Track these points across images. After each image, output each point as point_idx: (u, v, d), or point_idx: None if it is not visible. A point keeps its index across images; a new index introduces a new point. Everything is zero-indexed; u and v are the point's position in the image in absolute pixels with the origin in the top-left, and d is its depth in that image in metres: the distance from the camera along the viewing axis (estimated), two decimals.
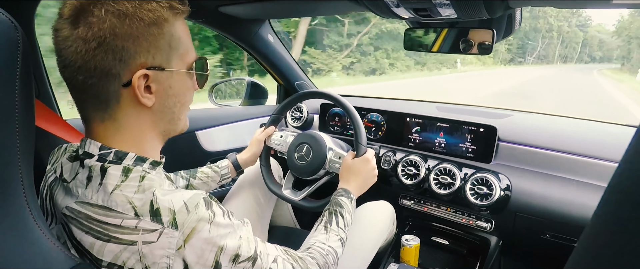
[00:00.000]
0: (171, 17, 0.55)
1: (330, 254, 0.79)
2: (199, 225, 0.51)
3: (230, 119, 1.55)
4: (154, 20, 0.52)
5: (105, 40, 0.49)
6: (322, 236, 0.83)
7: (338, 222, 0.87)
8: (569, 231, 1.04)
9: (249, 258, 0.58)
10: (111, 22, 0.49)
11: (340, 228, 0.86)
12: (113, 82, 0.52)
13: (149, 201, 0.51)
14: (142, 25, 0.51)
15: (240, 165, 1.18)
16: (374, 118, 1.44)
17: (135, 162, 0.56)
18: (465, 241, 1.32)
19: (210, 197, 0.56)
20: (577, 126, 1.29)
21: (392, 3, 0.91)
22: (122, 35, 0.50)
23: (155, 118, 0.58)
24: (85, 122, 0.57)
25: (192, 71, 0.61)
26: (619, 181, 0.27)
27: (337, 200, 0.93)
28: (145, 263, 0.49)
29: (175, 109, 0.60)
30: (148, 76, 0.54)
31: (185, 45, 0.58)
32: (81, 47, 0.49)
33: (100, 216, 0.50)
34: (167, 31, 0.54)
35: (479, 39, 1.05)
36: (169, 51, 0.55)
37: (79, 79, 0.51)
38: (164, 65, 0.55)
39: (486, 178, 1.14)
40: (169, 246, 0.50)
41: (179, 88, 0.59)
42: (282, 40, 1.60)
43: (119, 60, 0.51)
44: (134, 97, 0.54)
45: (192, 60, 0.60)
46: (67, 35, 0.50)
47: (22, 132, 0.47)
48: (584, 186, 1.07)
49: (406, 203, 1.34)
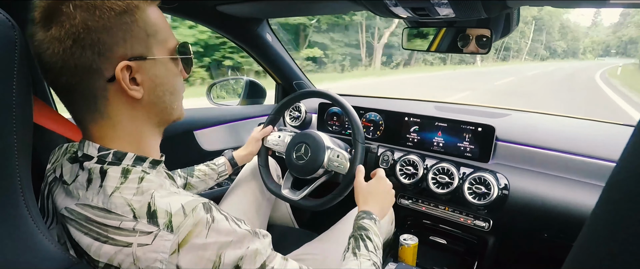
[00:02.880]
0: (142, 4, 0.54)
1: None
2: (195, 229, 0.49)
3: (228, 118, 1.55)
4: (124, 8, 0.51)
5: (80, 35, 0.48)
6: (353, 263, 0.74)
7: (367, 246, 0.79)
8: (567, 230, 1.04)
9: None
10: (82, 17, 0.48)
11: (371, 252, 0.78)
12: (97, 79, 0.51)
13: (146, 203, 0.50)
14: (113, 15, 0.50)
15: (236, 162, 1.18)
16: (372, 117, 1.44)
17: (135, 162, 0.55)
18: (463, 241, 1.33)
19: (211, 203, 0.53)
20: (575, 125, 1.29)
21: (390, 2, 0.91)
22: (95, 28, 0.49)
23: (147, 110, 0.57)
24: (80, 124, 0.56)
25: (176, 56, 0.60)
26: (616, 180, 0.27)
27: (360, 224, 0.84)
28: (138, 265, 0.48)
29: (165, 98, 0.59)
30: (131, 68, 0.52)
31: (164, 32, 0.57)
32: (57, 48, 0.48)
33: (99, 217, 0.50)
34: (140, 18, 0.53)
35: (477, 37, 1.05)
36: (146, 39, 0.54)
37: (62, 81, 0.50)
38: (145, 54, 0.54)
39: (484, 178, 1.14)
40: (162, 250, 0.48)
41: (165, 76, 0.58)
42: (281, 40, 1.60)
43: (98, 54, 0.50)
44: (121, 91, 0.53)
45: (174, 46, 0.59)
46: (41, 38, 0.49)
47: (20, 129, 0.47)
48: (581, 186, 1.07)
49: (404, 203, 1.35)
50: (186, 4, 1.19)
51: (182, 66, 0.62)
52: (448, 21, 1.07)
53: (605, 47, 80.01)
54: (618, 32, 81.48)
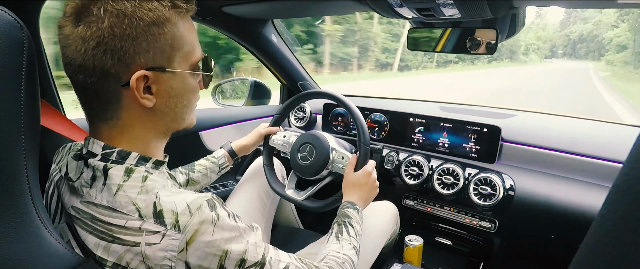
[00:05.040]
0: (174, 17, 0.54)
1: (346, 261, 0.77)
2: (202, 227, 0.50)
3: (234, 119, 1.55)
4: (154, 20, 0.51)
5: (104, 40, 0.49)
6: (335, 246, 0.81)
7: (349, 231, 0.85)
8: (573, 231, 1.04)
9: (256, 263, 0.57)
10: (110, 22, 0.48)
11: (352, 237, 0.85)
12: (112, 82, 0.52)
13: (152, 203, 0.50)
14: (141, 25, 0.50)
15: (235, 152, 1.18)
16: (377, 118, 1.44)
17: (138, 162, 0.56)
18: (468, 242, 1.32)
19: (214, 199, 0.55)
20: (581, 126, 1.28)
21: (395, 3, 0.91)
22: (120, 35, 0.49)
23: (157, 118, 0.58)
24: (90, 121, 0.57)
25: (196, 72, 0.60)
26: (624, 181, 0.27)
27: (344, 212, 0.91)
28: (147, 264, 0.49)
29: (177, 109, 0.59)
30: (148, 77, 0.53)
31: (190, 45, 0.57)
32: (80, 46, 0.49)
33: (104, 216, 0.50)
34: (169, 31, 0.53)
35: (482, 38, 1.04)
36: (170, 51, 0.54)
37: (79, 78, 0.52)
38: (165, 65, 0.54)
39: (490, 178, 1.14)
40: (171, 249, 0.49)
41: (181, 88, 0.58)
42: (285, 40, 1.60)
43: (117, 61, 0.50)
44: (134, 97, 0.53)
45: (197, 60, 0.59)
46: (68, 33, 0.50)
47: (28, 131, 0.48)
48: (588, 186, 1.06)
49: (409, 203, 1.34)
50: None
51: (201, 78, 0.63)
52: (453, 22, 1.07)
53: (552, 47, 65.99)
54: (566, 29, 66.91)
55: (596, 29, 52.19)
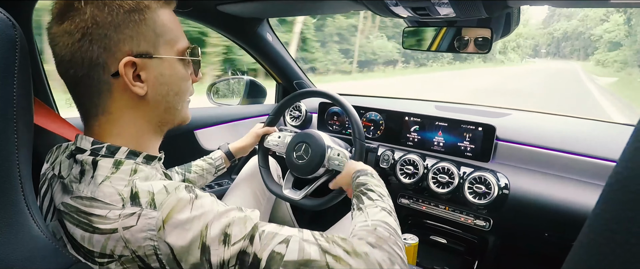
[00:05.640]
0: (153, 4, 0.55)
1: (379, 226, 0.64)
2: (178, 205, 0.48)
3: (229, 118, 1.55)
4: (134, 7, 0.53)
5: (88, 30, 0.50)
6: (360, 217, 0.69)
7: (370, 196, 0.75)
8: (567, 230, 1.04)
9: (243, 237, 0.50)
10: (91, 12, 0.50)
11: (376, 200, 0.74)
12: (101, 72, 0.53)
13: (130, 189, 0.50)
14: (122, 12, 0.52)
15: (232, 154, 1.18)
16: (373, 117, 1.44)
17: (128, 156, 0.56)
18: (463, 240, 1.33)
19: (193, 187, 0.53)
20: (575, 125, 1.29)
21: (390, 2, 0.91)
22: (103, 23, 0.51)
23: (149, 108, 0.58)
24: (83, 118, 0.58)
25: (184, 58, 0.61)
26: (617, 180, 0.27)
27: (357, 182, 0.83)
28: (131, 248, 0.48)
29: (169, 98, 0.59)
30: (136, 64, 0.54)
31: (173, 33, 0.58)
32: (67, 41, 0.51)
33: (86, 207, 0.50)
34: (150, 17, 0.55)
35: (477, 37, 1.05)
36: (154, 38, 0.55)
37: (70, 73, 0.53)
38: (151, 52, 0.55)
39: (484, 177, 1.14)
40: (149, 228, 0.47)
41: (170, 76, 0.59)
42: (280, 39, 1.60)
43: (103, 49, 0.52)
44: (125, 88, 0.54)
45: (183, 48, 0.60)
46: (55, 31, 0.52)
47: (21, 129, 0.47)
48: (582, 185, 1.07)
49: (405, 202, 1.35)
50: (186, 4, 1.19)
51: (192, 69, 0.63)
52: (448, 21, 1.07)
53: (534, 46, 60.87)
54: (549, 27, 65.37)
55: (582, 26, 49.83)
